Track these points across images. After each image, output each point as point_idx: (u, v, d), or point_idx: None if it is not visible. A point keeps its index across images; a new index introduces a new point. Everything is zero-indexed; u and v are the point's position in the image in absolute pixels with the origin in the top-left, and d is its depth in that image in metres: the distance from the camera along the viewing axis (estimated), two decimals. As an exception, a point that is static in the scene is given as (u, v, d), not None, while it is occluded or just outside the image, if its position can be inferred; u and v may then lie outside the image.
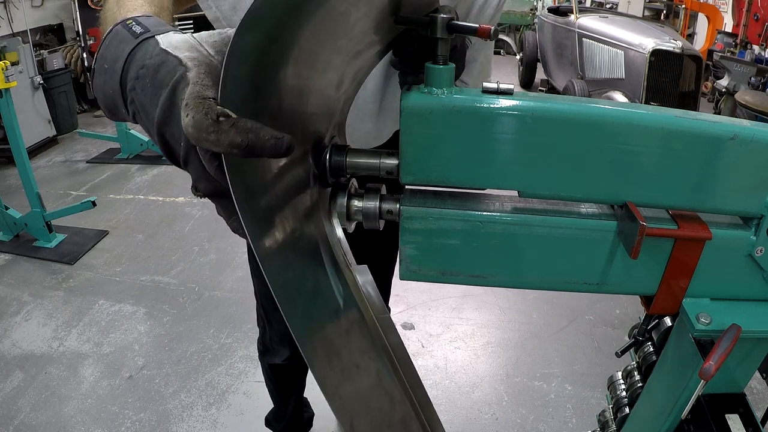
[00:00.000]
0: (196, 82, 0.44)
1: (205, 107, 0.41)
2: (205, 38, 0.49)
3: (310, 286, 0.54)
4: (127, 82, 0.48)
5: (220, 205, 0.50)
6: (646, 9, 8.57)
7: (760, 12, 5.96)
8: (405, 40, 0.61)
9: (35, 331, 2.72)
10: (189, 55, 0.46)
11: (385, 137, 1.31)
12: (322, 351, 0.52)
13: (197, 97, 0.42)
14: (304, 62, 0.47)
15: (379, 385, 0.63)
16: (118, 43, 0.50)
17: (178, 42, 0.48)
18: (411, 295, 3.01)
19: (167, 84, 0.45)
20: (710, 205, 0.63)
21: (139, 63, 0.47)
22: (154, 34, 0.49)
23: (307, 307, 0.51)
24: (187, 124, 0.41)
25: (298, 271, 0.52)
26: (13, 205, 3.55)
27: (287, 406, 1.89)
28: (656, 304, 0.68)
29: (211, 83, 0.44)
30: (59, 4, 6.10)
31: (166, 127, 0.46)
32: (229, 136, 0.40)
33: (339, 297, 0.59)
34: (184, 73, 0.45)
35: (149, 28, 0.50)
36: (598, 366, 2.53)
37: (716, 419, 0.71)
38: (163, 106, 0.45)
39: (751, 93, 4.78)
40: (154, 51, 0.47)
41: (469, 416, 2.26)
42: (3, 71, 3.02)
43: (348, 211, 0.61)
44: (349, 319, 0.60)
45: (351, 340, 0.60)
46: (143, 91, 0.47)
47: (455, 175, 0.61)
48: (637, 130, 0.58)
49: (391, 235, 0.74)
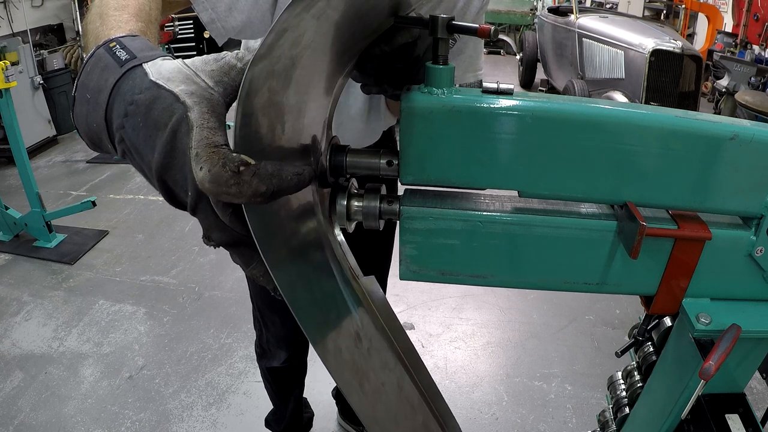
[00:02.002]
0: (201, 125, 0.40)
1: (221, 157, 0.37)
2: (199, 66, 0.44)
3: (335, 315, 0.52)
4: (114, 118, 0.43)
5: (237, 253, 0.46)
6: (646, 9, 8.57)
7: (760, 12, 5.96)
8: (366, 57, 0.58)
9: (35, 331, 2.72)
10: (185, 88, 0.42)
11: (377, 135, 1.31)
12: (354, 379, 0.51)
13: (208, 146, 0.38)
14: (303, 79, 0.44)
15: (401, 395, 0.62)
16: (101, 71, 0.45)
17: (170, 72, 0.43)
18: (411, 295, 3.01)
19: (165, 125, 0.41)
20: (710, 205, 0.63)
21: (127, 98, 0.42)
22: (142, 62, 0.44)
23: (336, 341, 0.50)
24: (203, 179, 0.37)
25: (323, 303, 0.50)
26: (13, 205, 3.55)
27: (286, 408, 1.89)
28: (656, 304, 0.68)
29: (218, 124, 0.40)
30: (59, 4, 6.10)
31: (167, 173, 0.42)
32: (252, 186, 0.37)
33: (357, 317, 0.57)
34: (184, 113, 0.40)
35: (135, 53, 0.45)
36: (598, 366, 2.53)
37: (716, 419, 0.71)
38: (162, 150, 0.41)
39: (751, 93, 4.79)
40: (144, 84, 0.42)
41: (469, 416, 2.26)
42: (3, 71, 3.02)
43: (348, 211, 0.61)
44: (368, 337, 0.58)
45: (372, 359, 0.58)
46: (135, 131, 0.42)
47: (455, 175, 0.61)
48: (637, 130, 0.58)
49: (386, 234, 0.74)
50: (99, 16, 0.56)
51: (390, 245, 1.61)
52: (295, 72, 0.41)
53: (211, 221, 0.43)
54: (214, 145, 0.38)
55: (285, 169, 0.39)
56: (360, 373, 0.53)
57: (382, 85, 0.64)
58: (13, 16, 5.36)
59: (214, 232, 0.44)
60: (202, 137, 0.39)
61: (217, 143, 0.38)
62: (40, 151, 5.13)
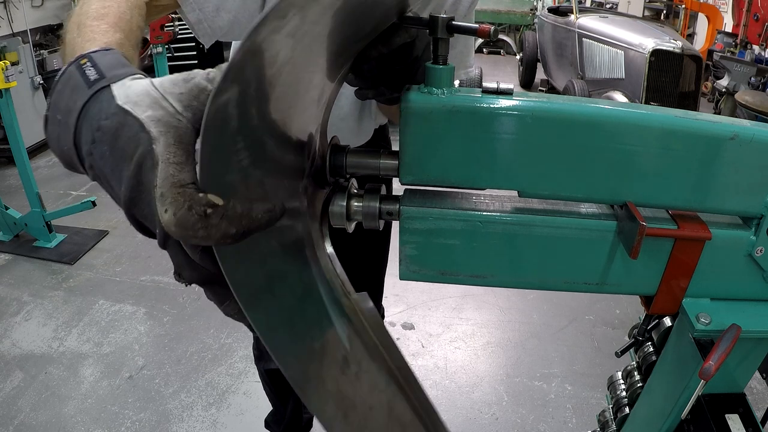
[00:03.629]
0: (166, 159, 0.37)
1: (187, 199, 0.35)
2: (168, 88, 0.41)
3: (320, 344, 0.50)
4: (82, 144, 0.42)
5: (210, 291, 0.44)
6: (646, 9, 8.58)
7: (760, 12, 5.96)
8: (362, 59, 0.57)
9: (35, 331, 2.72)
10: (152, 114, 0.39)
11: (368, 135, 1.31)
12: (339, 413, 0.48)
13: (173, 186, 0.36)
14: (286, 95, 0.41)
15: (390, 416, 0.60)
16: (71, 92, 0.43)
17: (138, 95, 0.41)
18: (411, 295, 3.00)
19: (130, 157, 0.39)
20: (710, 205, 0.63)
21: (94, 123, 0.41)
22: (110, 82, 0.42)
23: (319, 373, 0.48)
24: (169, 223, 0.35)
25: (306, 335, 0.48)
26: (13, 205, 3.55)
27: (285, 409, 1.89)
28: (656, 304, 0.68)
29: (185, 158, 0.38)
30: (59, 4, 6.10)
31: (135, 207, 0.40)
32: (220, 229, 0.35)
33: (345, 341, 0.54)
34: (149, 146, 0.38)
35: (104, 72, 0.43)
36: (598, 366, 2.53)
37: (716, 419, 0.71)
38: (128, 185, 0.39)
39: (751, 93, 4.79)
40: (110, 108, 0.40)
41: (469, 416, 2.26)
42: (3, 71, 3.02)
43: (348, 211, 0.61)
44: (356, 360, 0.55)
45: (361, 383, 0.56)
46: (102, 159, 0.40)
47: (455, 175, 0.61)
48: (637, 130, 0.58)
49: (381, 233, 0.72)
50: (77, 26, 0.55)
51: (386, 245, 1.61)
52: (274, 91, 0.38)
53: (180, 259, 0.41)
54: (180, 185, 0.36)
55: (255, 208, 0.37)
56: (345, 403, 0.51)
57: (379, 88, 0.63)
58: (13, 16, 5.36)
59: (184, 270, 0.42)
60: (167, 175, 0.36)
61: (183, 182, 0.36)
62: (40, 151, 5.12)
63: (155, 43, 4.46)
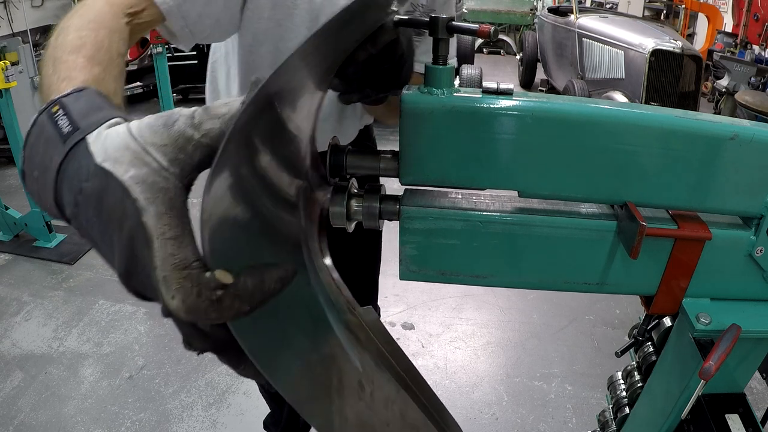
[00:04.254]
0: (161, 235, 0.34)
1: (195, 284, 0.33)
2: (148, 138, 0.37)
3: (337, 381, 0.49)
4: (65, 205, 0.38)
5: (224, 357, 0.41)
6: (646, 9, 8.58)
7: (760, 12, 5.96)
8: (348, 62, 0.56)
9: (35, 331, 2.72)
10: (135, 175, 0.35)
11: (350, 136, 1.30)
12: None
13: (176, 268, 0.33)
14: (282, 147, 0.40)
15: (404, 424, 0.59)
16: (45, 145, 0.40)
17: (116, 150, 0.36)
18: (411, 295, 3.00)
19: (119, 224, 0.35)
20: (710, 205, 0.63)
21: (75, 185, 0.37)
22: (84, 134, 0.38)
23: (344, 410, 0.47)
24: (178, 309, 0.33)
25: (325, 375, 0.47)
26: (13, 205, 3.55)
27: (282, 411, 1.89)
28: (656, 304, 0.68)
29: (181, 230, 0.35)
30: (59, 4, 6.09)
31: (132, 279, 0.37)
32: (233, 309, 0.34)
33: (358, 363, 0.52)
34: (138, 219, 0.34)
35: (77, 121, 0.39)
36: (598, 366, 2.53)
37: (716, 419, 0.71)
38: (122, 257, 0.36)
39: (751, 93, 4.79)
40: (89, 167, 0.36)
41: (469, 416, 2.26)
42: (3, 71, 3.02)
43: (348, 211, 0.61)
44: (369, 379, 0.54)
45: (375, 401, 0.55)
46: (89, 223, 0.37)
47: (455, 175, 0.61)
48: (637, 130, 0.58)
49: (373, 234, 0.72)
50: (52, 61, 0.51)
51: (378, 243, 1.60)
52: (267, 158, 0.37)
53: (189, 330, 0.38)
54: (183, 266, 0.33)
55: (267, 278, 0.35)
56: (366, 430, 0.50)
57: (364, 90, 0.63)
58: (13, 16, 5.36)
59: (195, 340, 0.39)
60: (166, 255, 0.34)
61: (185, 262, 0.34)
62: (40, 151, 5.12)
63: (155, 43, 4.46)
